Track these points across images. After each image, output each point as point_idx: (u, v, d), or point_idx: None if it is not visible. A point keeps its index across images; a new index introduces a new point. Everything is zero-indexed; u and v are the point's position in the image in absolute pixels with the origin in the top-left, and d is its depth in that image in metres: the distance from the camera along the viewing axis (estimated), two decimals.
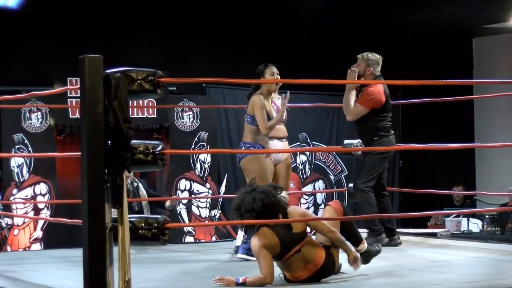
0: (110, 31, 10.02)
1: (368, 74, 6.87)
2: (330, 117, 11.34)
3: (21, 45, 9.83)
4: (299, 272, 4.99)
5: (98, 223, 4.09)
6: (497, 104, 11.75)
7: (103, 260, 4.08)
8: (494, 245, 6.81)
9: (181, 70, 9.25)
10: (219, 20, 10.71)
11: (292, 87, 7.43)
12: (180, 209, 9.80)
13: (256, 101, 6.48)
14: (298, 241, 4.97)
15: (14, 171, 9.14)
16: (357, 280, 5.03)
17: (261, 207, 4.92)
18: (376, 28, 11.38)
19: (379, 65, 6.92)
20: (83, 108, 4.14)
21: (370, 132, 6.82)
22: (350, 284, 4.92)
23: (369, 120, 6.79)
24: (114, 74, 4.18)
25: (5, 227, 9.03)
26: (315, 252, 5.00)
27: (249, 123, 6.51)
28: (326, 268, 5.04)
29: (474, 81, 12.33)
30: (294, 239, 4.96)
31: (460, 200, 10.95)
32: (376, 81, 6.88)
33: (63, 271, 5.72)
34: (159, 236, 4.28)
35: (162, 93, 4.37)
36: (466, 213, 9.42)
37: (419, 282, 4.99)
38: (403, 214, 9.12)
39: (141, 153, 4.26)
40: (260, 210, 4.92)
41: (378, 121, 6.79)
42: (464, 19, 11.16)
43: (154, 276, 5.44)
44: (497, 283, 4.92)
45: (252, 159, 6.40)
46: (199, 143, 9.87)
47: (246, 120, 6.55)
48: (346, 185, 9.04)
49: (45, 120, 9.27)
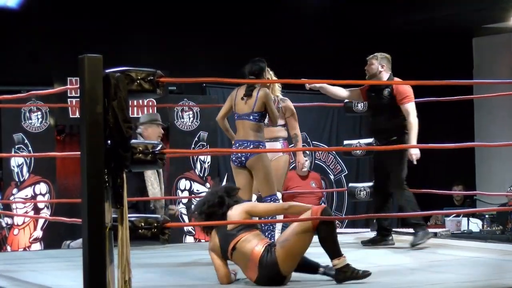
0: (110, 31, 10.03)
1: (382, 71, 6.81)
2: (330, 117, 11.34)
3: (21, 45, 9.84)
4: (247, 272, 4.91)
5: (97, 223, 4.08)
6: (497, 103, 11.75)
7: (103, 260, 4.07)
8: (494, 245, 6.80)
9: (181, 70, 9.25)
10: (219, 20, 10.71)
11: (292, 87, 7.44)
12: (180, 209, 9.80)
13: (269, 95, 6.34)
14: (233, 238, 4.91)
15: (14, 171, 9.14)
16: (357, 280, 5.02)
17: (207, 208, 5.04)
18: (376, 28, 11.38)
19: (389, 62, 6.87)
20: (83, 108, 4.14)
21: (398, 130, 6.74)
22: (350, 284, 4.91)
23: (398, 117, 6.73)
24: (114, 74, 4.18)
25: (5, 227, 9.04)
26: (249, 248, 4.85)
27: (255, 120, 6.29)
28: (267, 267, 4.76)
29: (474, 81, 12.33)
30: (229, 236, 4.93)
31: (460, 200, 10.95)
32: (376, 81, 6.88)
33: (63, 271, 5.72)
34: (159, 235, 4.28)
35: (161, 93, 4.36)
36: (466, 213, 9.41)
37: (419, 282, 4.99)
38: (403, 214, 9.09)
39: (141, 152, 4.26)
40: (206, 211, 5.05)
41: (404, 119, 6.75)
42: (464, 19, 11.16)
43: (154, 276, 5.44)
44: (497, 283, 4.92)
45: (263, 156, 6.29)
46: (199, 143, 9.88)
47: (249, 119, 6.29)
48: (346, 185, 9.03)
49: (45, 120, 9.27)
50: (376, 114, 6.94)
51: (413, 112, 6.72)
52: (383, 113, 6.81)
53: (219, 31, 10.70)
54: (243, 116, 6.35)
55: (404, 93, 6.71)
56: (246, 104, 6.33)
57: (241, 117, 6.37)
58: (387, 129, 6.80)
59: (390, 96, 6.74)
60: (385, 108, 6.78)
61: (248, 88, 6.36)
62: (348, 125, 11.45)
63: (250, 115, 6.31)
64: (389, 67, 6.87)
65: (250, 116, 6.31)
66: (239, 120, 6.40)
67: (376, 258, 6.04)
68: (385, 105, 6.78)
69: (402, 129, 6.74)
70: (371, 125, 7.07)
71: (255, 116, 6.30)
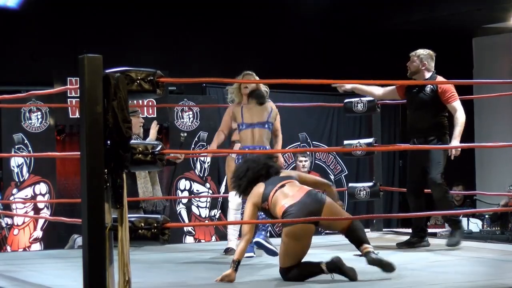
0: (110, 31, 10.03)
1: (423, 69, 6.70)
2: (330, 117, 11.34)
3: (21, 45, 9.84)
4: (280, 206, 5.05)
5: (97, 223, 4.09)
6: (497, 104, 11.75)
7: (103, 260, 4.07)
8: (494, 245, 6.80)
9: (181, 70, 9.26)
10: (219, 20, 10.72)
11: (293, 87, 7.44)
12: (180, 209, 9.80)
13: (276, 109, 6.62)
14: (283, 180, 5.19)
15: (14, 171, 9.14)
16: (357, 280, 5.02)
17: (252, 174, 5.26)
18: (377, 28, 11.38)
19: (433, 60, 6.74)
20: (83, 108, 4.14)
21: (437, 129, 6.62)
22: (350, 284, 4.91)
23: (439, 116, 6.62)
24: (114, 74, 4.18)
25: (5, 227, 9.03)
26: (296, 189, 5.12)
27: (270, 129, 6.55)
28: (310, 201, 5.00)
29: (474, 81, 12.33)
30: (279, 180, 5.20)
31: (460, 200, 10.95)
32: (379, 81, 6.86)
33: (63, 271, 5.71)
34: (159, 235, 4.28)
35: (161, 93, 4.36)
36: (466, 213, 9.42)
37: (419, 282, 4.98)
38: (403, 214, 9.12)
39: (141, 153, 4.26)
40: (252, 176, 5.26)
41: (446, 118, 6.65)
42: (464, 19, 11.16)
43: (154, 276, 5.44)
44: (497, 283, 4.92)
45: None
46: (199, 143, 9.88)
47: (266, 127, 6.52)
48: (346, 185, 9.03)
49: (45, 120, 9.27)
50: (416, 112, 6.75)
51: (461, 109, 6.56)
52: (424, 111, 6.65)
53: (219, 31, 10.70)
54: (255, 125, 6.52)
55: (449, 91, 6.57)
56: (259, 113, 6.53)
57: (254, 126, 6.53)
58: (426, 128, 6.65)
59: (433, 94, 6.60)
60: (426, 105, 6.63)
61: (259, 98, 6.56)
62: (348, 125, 11.46)
63: (268, 123, 6.53)
64: (432, 65, 6.73)
65: (268, 124, 6.53)
66: (248, 129, 6.54)
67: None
68: (427, 102, 6.63)
69: (442, 129, 6.63)
70: (410, 123, 6.84)
71: (270, 125, 6.54)
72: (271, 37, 10.83)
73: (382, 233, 7.82)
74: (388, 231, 8.07)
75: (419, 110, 6.71)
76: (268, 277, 5.22)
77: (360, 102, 7.52)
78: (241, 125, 6.53)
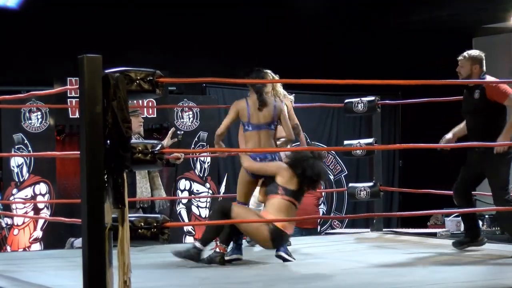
0: (110, 31, 10.03)
1: (475, 72, 6.49)
2: (330, 117, 11.35)
3: (21, 45, 9.84)
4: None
5: (97, 223, 4.08)
6: None
7: (102, 260, 4.07)
8: (494, 245, 6.80)
9: (181, 70, 9.25)
10: (219, 20, 10.72)
11: (292, 87, 7.43)
12: (180, 209, 9.80)
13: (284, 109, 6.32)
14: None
15: (14, 171, 9.14)
16: (357, 280, 5.02)
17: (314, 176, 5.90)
18: (377, 28, 11.38)
19: (483, 61, 6.51)
20: (82, 108, 4.14)
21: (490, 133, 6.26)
22: (350, 284, 4.91)
23: (490, 119, 6.32)
24: (113, 74, 4.17)
25: (5, 227, 9.03)
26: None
27: (273, 129, 6.18)
28: None
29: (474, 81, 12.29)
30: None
31: None
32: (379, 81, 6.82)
33: (63, 271, 5.72)
34: (159, 235, 4.28)
35: (161, 93, 4.36)
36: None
37: (419, 282, 4.98)
38: (403, 214, 9.12)
39: (140, 152, 4.26)
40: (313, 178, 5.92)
41: (504, 119, 6.33)
42: (464, 19, 11.16)
43: (153, 276, 5.44)
44: (497, 283, 4.92)
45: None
46: (199, 143, 9.87)
47: (269, 128, 6.13)
48: (346, 185, 9.03)
49: (45, 120, 9.27)
50: (468, 116, 6.54)
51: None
52: (473, 115, 6.42)
53: (219, 31, 10.70)
54: (261, 126, 6.15)
55: (501, 91, 6.33)
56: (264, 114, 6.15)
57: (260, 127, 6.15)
58: (478, 132, 6.32)
59: (481, 98, 6.36)
60: (475, 110, 6.39)
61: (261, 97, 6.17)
62: (348, 125, 11.46)
63: (273, 123, 6.17)
64: (482, 68, 6.50)
65: (273, 124, 6.17)
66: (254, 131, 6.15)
67: (376, 258, 6.04)
68: (475, 106, 6.39)
69: (496, 132, 6.26)
70: (467, 126, 6.57)
71: (274, 126, 6.17)
72: (271, 37, 10.83)
73: (382, 233, 7.82)
74: (388, 231, 8.08)
75: (469, 114, 6.48)
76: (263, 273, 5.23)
77: (360, 102, 7.52)
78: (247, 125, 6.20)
